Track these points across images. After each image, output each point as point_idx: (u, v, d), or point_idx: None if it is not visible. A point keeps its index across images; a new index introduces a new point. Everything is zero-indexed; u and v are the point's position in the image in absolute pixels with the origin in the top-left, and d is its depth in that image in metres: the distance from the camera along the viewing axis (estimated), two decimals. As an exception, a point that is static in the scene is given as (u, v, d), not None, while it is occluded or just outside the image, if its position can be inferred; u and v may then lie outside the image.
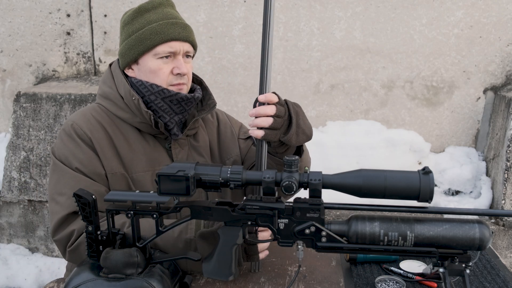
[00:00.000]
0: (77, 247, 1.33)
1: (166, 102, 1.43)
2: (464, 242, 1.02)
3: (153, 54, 1.41)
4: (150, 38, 1.40)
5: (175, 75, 1.43)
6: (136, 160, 1.43)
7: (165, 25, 1.40)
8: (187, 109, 1.47)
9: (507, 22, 3.15)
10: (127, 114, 1.44)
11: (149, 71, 1.42)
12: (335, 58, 3.36)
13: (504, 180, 2.86)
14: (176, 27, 1.42)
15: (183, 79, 1.45)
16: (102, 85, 1.51)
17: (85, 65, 3.62)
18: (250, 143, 1.66)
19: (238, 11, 3.36)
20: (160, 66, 1.42)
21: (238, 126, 1.72)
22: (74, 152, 1.39)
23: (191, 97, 1.45)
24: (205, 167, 1.09)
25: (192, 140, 1.56)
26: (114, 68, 1.50)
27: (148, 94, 1.42)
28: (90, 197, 1.11)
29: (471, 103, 3.32)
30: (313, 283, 1.33)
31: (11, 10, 3.52)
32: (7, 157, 3.24)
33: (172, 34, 1.40)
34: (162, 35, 1.39)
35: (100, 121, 1.44)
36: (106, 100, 1.48)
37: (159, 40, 1.39)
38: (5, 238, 3.34)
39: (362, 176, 1.03)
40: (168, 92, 1.41)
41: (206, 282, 1.32)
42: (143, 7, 1.44)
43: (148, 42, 1.40)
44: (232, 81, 3.45)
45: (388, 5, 3.23)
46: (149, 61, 1.42)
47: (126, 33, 1.45)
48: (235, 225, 1.12)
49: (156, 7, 1.44)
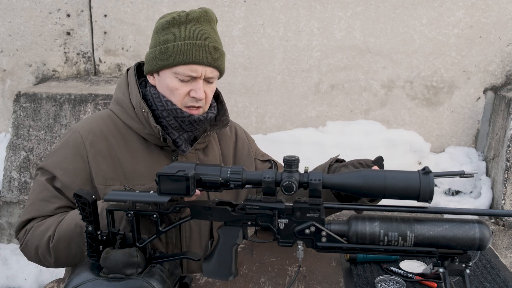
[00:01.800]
0: (26, 245, 1.37)
1: (178, 121, 1.40)
2: (464, 242, 1.02)
3: (173, 72, 1.36)
4: (172, 56, 1.34)
5: (191, 97, 1.39)
6: (138, 171, 1.42)
7: (191, 46, 1.33)
8: (198, 128, 1.45)
9: (507, 22, 3.15)
10: (136, 124, 1.42)
11: (166, 87, 1.39)
12: (335, 58, 3.36)
13: (504, 180, 2.86)
14: (202, 50, 1.34)
15: (200, 103, 1.40)
16: (117, 89, 1.49)
17: (85, 65, 3.62)
18: (268, 166, 1.64)
19: (238, 11, 3.36)
20: (177, 86, 1.37)
21: (255, 146, 1.71)
22: (63, 159, 1.38)
23: (203, 118, 1.42)
24: (205, 167, 1.09)
25: (201, 154, 1.52)
26: (130, 76, 1.47)
27: (161, 109, 1.39)
28: (90, 197, 1.12)
29: (471, 103, 3.32)
30: (313, 283, 1.33)
31: (11, 10, 3.52)
32: (7, 157, 3.24)
33: (195, 58, 1.33)
34: (184, 57, 1.33)
35: (105, 132, 1.42)
36: (118, 107, 1.46)
37: (181, 61, 1.34)
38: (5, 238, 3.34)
39: (362, 176, 1.03)
40: (181, 113, 1.38)
41: (206, 282, 1.32)
42: (176, 19, 1.36)
43: (170, 60, 1.35)
44: (232, 81, 3.45)
45: (388, 5, 3.23)
46: (167, 77, 1.38)
47: (154, 41, 1.40)
48: (235, 225, 1.12)
49: (189, 22, 1.36)
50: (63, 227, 1.30)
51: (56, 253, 1.31)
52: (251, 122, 3.53)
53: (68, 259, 1.32)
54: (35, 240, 1.34)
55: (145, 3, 3.42)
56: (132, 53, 3.54)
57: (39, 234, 1.33)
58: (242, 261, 1.45)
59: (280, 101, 3.47)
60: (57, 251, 1.31)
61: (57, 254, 1.32)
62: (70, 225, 1.28)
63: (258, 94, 3.48)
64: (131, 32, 3.49)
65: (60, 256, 1.32)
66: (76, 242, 1.28)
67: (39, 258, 1.36)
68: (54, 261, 1.34)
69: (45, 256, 1.34)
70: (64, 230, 1.29)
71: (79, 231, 1.26)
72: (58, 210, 1.36)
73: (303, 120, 3.48)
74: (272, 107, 3.48)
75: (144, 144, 1.44)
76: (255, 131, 3.52)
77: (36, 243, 1.33)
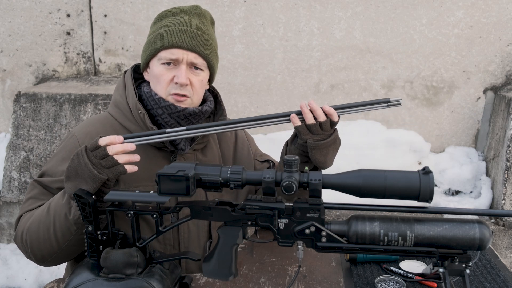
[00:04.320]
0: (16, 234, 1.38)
1: (173, 118, 1.40)
2: (464, 242, 1.02)
3: (158, 59, 1.39)
4: (155, 43, 1.38)
5: (176, 84, 1.39)
6: (136, 174, 1.38)
7: (172, 31, 1.37)
8: (194, 122, 1.44)
9: (507, 22, 3.15)
10: (133, 125, 1.42)
11: (154, 76, 1.41)
12: (335, 58, 3.36)
13: (504, 180, 2.86)
14: (183, 34, 1.37)
15: (184, 90, 1.39)
16: (115, 92, 1.51)
17: (85, 65, 3.62)
18: (266, 166, 1.64)
19: (238, 11, 3.36)
20: (162, 72, 1.39)
21: (254, 146, 1.71)
22: (60, 163, 1.39)
23: (198, 111, 1.41)
24: (205, 167, 1.09)
25: (200, 154, 1.52)
26: (127, 77, 1.47)
27: (156, 107, 1.40)
28: (90, 197, 1.12)
29: (471, 103, 3.32)
30: (313, 283, 1.33)
31: (11, 10, 3.52)
32: (7, 157, 3.24)
33: (174, 41, 1.36)
34: (165, 40, 1.36)
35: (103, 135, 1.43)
36: (116, 109, 1.47)
37: (161, 45, 1.37)
38: (5, 238, 3.34)
39: (362, 176, 1.03)
40: (175, 108, 1.38)
41: (206, 282, 1.32)
42: (165, 12, 1.42)
43: (153, 46, 1.38)
44: (232, 81, 3.45)
45: (388, 5, 3.23)
46: (154, 66, 1.40)
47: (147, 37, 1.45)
48: (235, 225, 1.12)
49: (177, 14, 1.40)
50: (38, 210, 1.33)
51: (30, 235, 1.31)
52: (251, 122, 3.53)
53: (39, 244, 1.31)
54: (21, 227, 1.36)
55: (145, 3, 3.42)
56: (132, 53, 3.54)
57: (25, 221, 1.36)
58: (242, 261, 1.45)
59: (280, 101, 3.47)
60: (30, 233, 1.31)
61: (30, 238, 1.32)
62: (44, 209, 1.30)
63: (258, 94, 3.48)
64: (131, 32, 3.49)
65: (33, 240, 1.31)
66: (45, 223, 1.27)
67: (24, 246, 1.36)
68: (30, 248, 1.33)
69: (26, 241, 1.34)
70: (38, 214, 1.32)
71: (49, 212, 1.27)
72: None
73: (303, 120, 3.47)
74: (272, 107, 3.48)
75: (142, 146, 1.44)
76: (255, 131, 3.52)
77: (21, 230, 1.36)
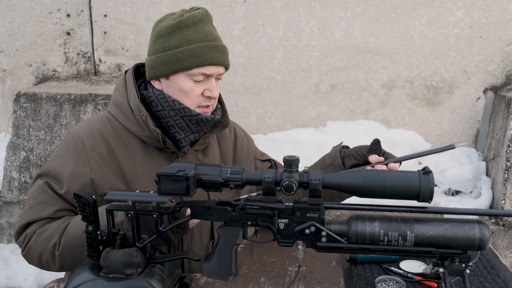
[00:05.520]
0: (28, 251, 1.36)
1: (185, 121, 1.40)
2: (464, 242, 1.02)
3: (187, 74, 1.37)
4: (187, 60, 1.35)
5: (205, 97, 1.40)
6: (138, 175, 1.41)
7: (205, 48, 1.35)
8: (204, 129, 1.45)
9: (507, 22, 3.15)
10: (135, 126, 1.41)
11: (179, 90, 1.39)
12: (335, 58, 3.36)
13: (504, 180, 2.86)
14: (215, 51, 1.37)
15: (212, 101, 1.42)
16: (115, 91, 1.49)
17: (85, 65, 3.62)
18: (268, 165, 1.64)
19: (238, 11, 3.36)
20: (192, 87, 1.37)
21: (254, 146, 1.71)
22: (64, 164, 1.38)
23: (211, 119, 1.43)
24: (205, 167, 1.09)
25: (200, 155, 1.53)
26: (128, 77, 1.46)
27: (168, 109, 1.39)
28: (90, 197, 1.12)
29: (471, 103, 3.32)
30: (313, 283, 1.33)
31: (11, 10, 3.52)
32: (7, 157, 3.24)
33: (210, 59, 1.36)
34: (201, 59, 1.35)
35: (105, 135, 1.41)
36: (117, 109, 1.45)
37: (197, 64, 1.35)
38: (5, 238, 3.34)
39: (362, 176, 1.03)
40: (189, 112, 1.38)
41: (206, 282, 1.32)
42: (183, 22, 1.36)
43: (185, 63, 1.35)
44: (232, 81, 3.45)
45: (388, 5, 3.23)
46: (181, 80, 1.38)
47: (160, 46, 1.38)
48: (235, 225, 1.12)
49: (196, 24, 1.37)
50: (69, 235, 1.29)
51: (62, 260, 1.32)
52: (251, 122, 3.53)
53: (72, 265, 1.32)
54: (38, 247, 1.33)
55: (145, 3, 3.42)
56: (132, 53, 3.54)
57: (43, 241, 1.32)
58: (242, 261, 1.45)
59: (280, 101, 3.47)
60: (62, 259, 1.31)
61: (62, 261, 1.32)
62: (76, 233, 1.28)
63: (258, 94, 3.48)
64: (131, 32, 3.49)
65: (65, 263, 1.32)
66: (82, 249, 1.27)
67: (41, 264, 1.36)
68: (59, 267, 1.34)
69: (48, 263, 1.34)
70: (71, 238, 1.29)
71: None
72: (57, 212, 1.36)
73: (303, 120, 3.48)
74: (272, 107, 3.48)
75: (143, 146, 1.44)
76: (255, 131, 3.52)
77: (40, 250, 1.33)
